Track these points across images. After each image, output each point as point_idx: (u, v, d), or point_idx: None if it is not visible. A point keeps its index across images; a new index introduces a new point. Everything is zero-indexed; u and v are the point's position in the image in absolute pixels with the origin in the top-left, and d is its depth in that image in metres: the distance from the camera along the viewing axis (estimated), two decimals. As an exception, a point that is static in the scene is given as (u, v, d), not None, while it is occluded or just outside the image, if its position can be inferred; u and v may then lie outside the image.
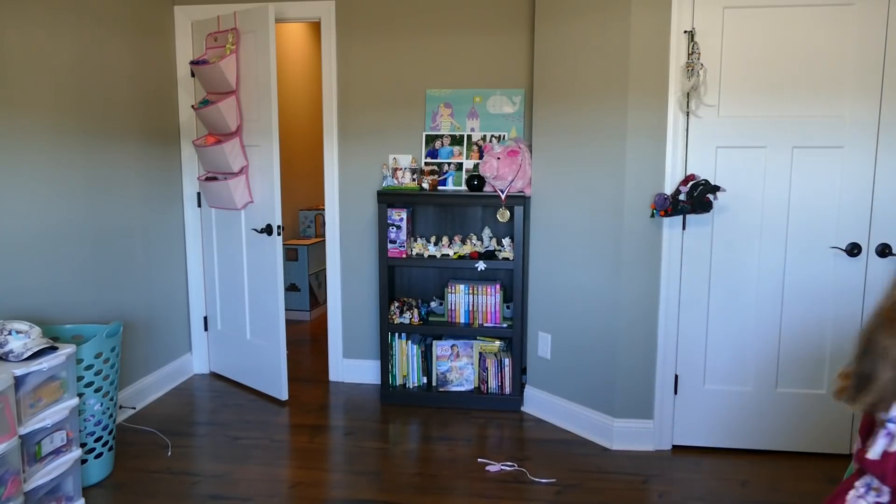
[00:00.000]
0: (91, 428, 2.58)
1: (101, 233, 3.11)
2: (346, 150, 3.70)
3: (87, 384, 2.53)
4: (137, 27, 3.37)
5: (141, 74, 3.41)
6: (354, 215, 3.74)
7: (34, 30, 2.69)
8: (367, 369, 3.82)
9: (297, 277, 5.22)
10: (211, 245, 3.83)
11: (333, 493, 2.60)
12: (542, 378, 3.33)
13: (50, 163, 2.79)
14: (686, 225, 2.82)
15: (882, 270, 2.69)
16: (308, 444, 3.04)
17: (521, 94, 3.49)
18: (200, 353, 3.96)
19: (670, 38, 2.72)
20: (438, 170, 3.54)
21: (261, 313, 3.60)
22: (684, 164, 2.78)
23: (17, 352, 2.16)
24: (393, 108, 3.63)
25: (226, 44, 3.46)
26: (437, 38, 3.56)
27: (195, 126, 3.75)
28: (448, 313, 3.52)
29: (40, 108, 2.74)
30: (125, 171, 3.29)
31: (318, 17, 3.63)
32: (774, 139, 2.70)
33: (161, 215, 3.62)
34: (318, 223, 5.63)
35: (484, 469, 2.78)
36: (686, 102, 2.73)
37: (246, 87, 3.44)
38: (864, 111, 2.63)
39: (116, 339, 2.65)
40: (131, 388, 3.35)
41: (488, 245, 3.48)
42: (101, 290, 3.13)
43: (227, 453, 2.94)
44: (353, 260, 3.78)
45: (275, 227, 3.43)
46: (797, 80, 2.66)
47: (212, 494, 2.58)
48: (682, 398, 2.92)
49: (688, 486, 2.65)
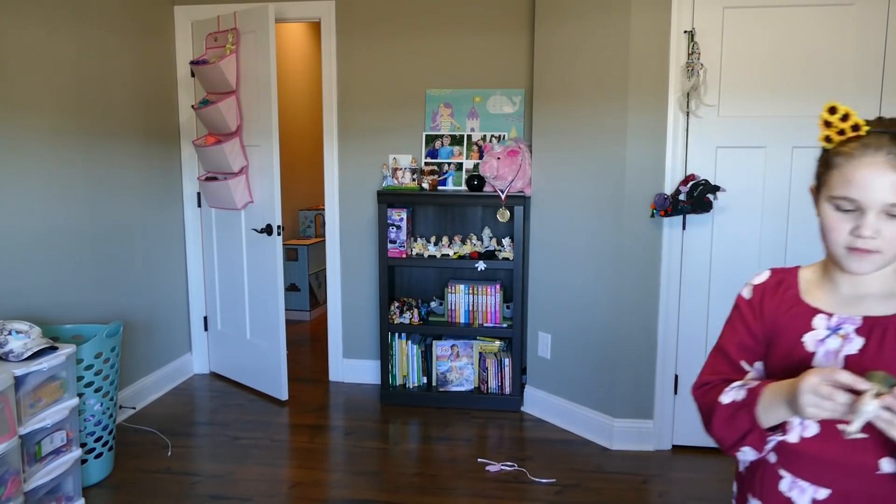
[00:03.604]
0: (91, 428, 2.58)
1: (101, 233, 3.11)
2: (346, 150, 3.70)
3: (87, 384, 2.53)
4: (137, 27, 3.37)
5: (141, 74, 3.41)
6: (354, 215, 3.74)
7: (34, 30, 2.69)
8: (367, 369, 3.82)
9: (297, 277, 5.22)
10: (211, 245, 3.83)
11: (333, 493, 2.60)
12: (542, 378, 3.33)
13: (50, 163, 2.79)
14: (686, 225, 2.82)
15: (882, 270, 2.69)
16: (308, 444, 3.04)
17: (521, 94, 3.49)
18: (200, 353, 3.96)
19: (670, 38, 2.72)
20: (438, 170, 3.54)
21: (261, 313, 3.60)
22: (684, 164, 2.78)
23: (17, 352, 2.16)
24: (393, 108, 3.63)
25: (226, 44, 3.46)
26: (437, 38, 3.56)
27: (195, 126, 3.74)
28: (448, 313, 3.52)
29: (40, 108, 2.74)
30: (125, 170, 3.29)
31: (318, 17, 3.63)
32: (774, 139, 2.70)
33: (161, 215, 3.62)
34: (318, 223, 5.63)
35: (484, 469, 2.78)
36: (686, 102, 2.73)
37: (246, 87, 3.44)
38: (865, 111, 2.61)
39: (116, 339, 2.65)
40: (131, 388, 3.35)
41: (488, 245, 3.48)
42: (101, 290, 3.13)
43: (227, 453, 2.94)
44: (353, 260, 3.78)
45: (275, 227, 3.43)
46: (797, 80, 2.66)
47: (212, 494, 2.58)
48: (682, 398, 2.92)
49: (688, 486, 2.65)
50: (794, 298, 1.09)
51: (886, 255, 0.96)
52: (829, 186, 0.99)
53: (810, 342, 1.04)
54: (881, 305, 1.02)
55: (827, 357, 1.02)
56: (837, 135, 0.99)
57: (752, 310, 1.14)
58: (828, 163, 1.00)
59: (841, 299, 1.05)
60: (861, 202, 0.94)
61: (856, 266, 0.97)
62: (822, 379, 0.90)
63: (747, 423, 1.00)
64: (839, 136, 0.99)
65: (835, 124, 0.98)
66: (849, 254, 0.97)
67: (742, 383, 1.06)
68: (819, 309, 1.05)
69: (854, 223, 0.96)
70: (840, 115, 0.98)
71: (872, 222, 0.94)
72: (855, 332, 1.01)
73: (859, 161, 0.95)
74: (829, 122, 0.99)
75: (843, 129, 0.98)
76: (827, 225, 1.00)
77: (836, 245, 0.99)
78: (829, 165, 1.00)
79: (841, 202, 0.96)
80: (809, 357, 1.03)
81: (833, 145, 1.00)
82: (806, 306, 1.07)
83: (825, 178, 1.00)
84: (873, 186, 0.93)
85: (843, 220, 0.97)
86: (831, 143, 1.00)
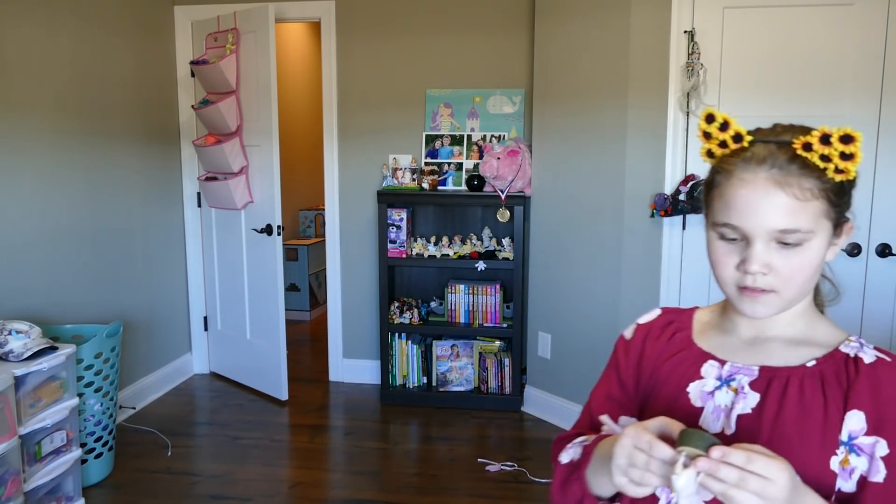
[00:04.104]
0: (91, 428, 2.58)
1: (101, 233, 3.11)
2: (346, 150, 3.70)
3: (87, 384, 2.53)
4: (137, 27, 3.37)
5: (141, 74, 3.41)
6: (354, 215, 3.74)
7: (34, 30, 2.68)
8: (366, 369, 3.82)
9: (297, 277, 5.22)
10: (211, 245, 3.83)
11: (333, 493, 2.60)
12: (542, 378, 3.33)
13: (50, 163, 2.79)
14: (686, 225, 2.82)
15: (882, 271, 2.69)
16: (308, 444, 3.04)
17: (521, 94, 3.49)
18: (200, 353, 3.96)
19: (670, 38, 2.72)
20: (438, 170, 3.54)
21: (261, 313, 3.60)
22: (684, 164, 2.78)
23: (17, 352, 2.16)
24: (393, 108, 3.63)
25: (226, 44, 3.46)
26: (436, 38, 3.56)
27: (195, 126, 3.74)
28: (448, 313, 3.51)
29: (40, 108, 2.74)
30: (125, 171, 3.29)
31: (318, 17, 3.63)
32: (774, 139, 2.70)
33: (161, 215, 3.62)
34: (318, 223, 5.63)
35: (484, 469, 2.78)
36: (686, 102, 2.73)
37: (246, 87, 3.44)
38: (864, 111, 2.62)
39: (116, 339, 2.65)
40: (131, 388, 3.35)
41: (488, 245, 3.48)
42: (101, 290, 3.13)
43: (227, 453, 2.93)
44: (353, 260, 3.78)
45: (275, 227, 3.43)
46: (797, 80, 2.66)
47: (212, 494, 2.58)
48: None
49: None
50: (684, 341, 0.89)
51: (785, 294, 0.77)
52: (712, 211, 0.81)
53: (696, 394, 0.84)
54: (784, 353, 0.82)
55: (716, 414, 0.82)
56: (719, 147, 0.81)
57: (629, 353, 0.95)
58: (710, 182, 0.82)
59: (738, 344, 0.85)
60: (745, 230, 0.76)
61: (749, 309, 0.79)
62: (636, 441, 0.70)
63: (578, 489, 0.82)
64: (721, 150, 0.81)
65: (714, 135, 0.81)
66: (740, 294, 0.78)
67: (584, 439, 0.89)
68: (711, 354, 0.86)
69: (741, 256, 0.78)
70: (718, 124, 0.80)
71: (760, 254, 0.75)
72: (750, 385, 0.81)
73: (739, 179, 0.76)
74: (708, 132, 0.81)
75: (725, 140, 0.80)
76: (712, 258, 0.81)
77: (726, 283, 0.80)
78: (711, 185, 0.82)
79: (724, 230, 0.78)
80: (696, 413, 0.83)
81: (716, 161, 0.82)
82: (696, 350, 0.87)
83: (708, 200, 0.82)
84: (757, 210, 0.75)
85: (729, 252, 0.79)
86: (714, 159, 0.83)
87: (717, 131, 0.80)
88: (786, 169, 0.75)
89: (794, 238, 0.75)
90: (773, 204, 0.74)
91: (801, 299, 0.80)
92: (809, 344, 0.82)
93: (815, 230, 0.75)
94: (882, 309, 2.72)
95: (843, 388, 0.77)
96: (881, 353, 0.80)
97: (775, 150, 0.76)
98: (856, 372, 0.78)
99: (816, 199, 0.75)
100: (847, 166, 0.73)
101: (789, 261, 0.76)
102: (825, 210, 0.76)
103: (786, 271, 0.76)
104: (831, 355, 0.81)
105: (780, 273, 0.76)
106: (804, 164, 0.75)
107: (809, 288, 0.80)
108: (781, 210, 0.74)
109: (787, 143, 0.76)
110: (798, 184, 0.74)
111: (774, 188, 0.74)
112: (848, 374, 0.78)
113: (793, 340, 0.83)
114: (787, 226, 0.74)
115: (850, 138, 0.72)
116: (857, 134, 0.72)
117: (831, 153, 0.73)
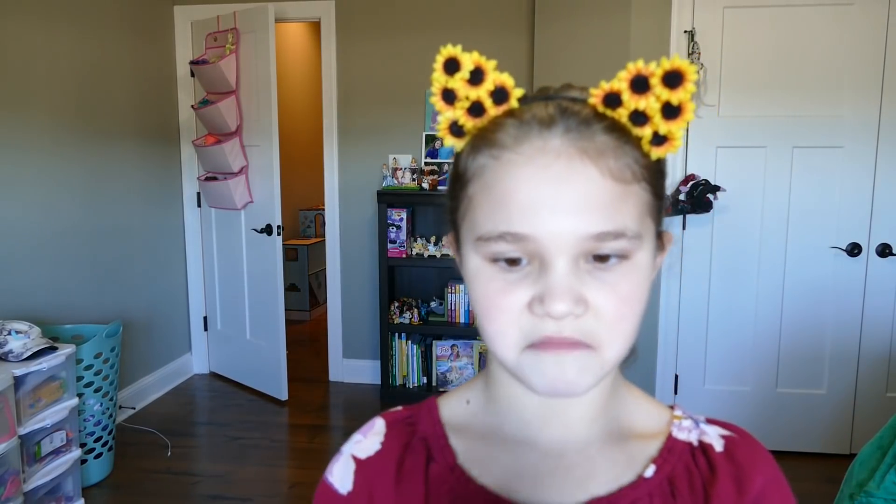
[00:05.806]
0: (91, 428, 2.58)
1: (101, 233, 3.11)
2: (346, 149, 3.70)
3: (86, 384, 2.53)
4: (137, 27, 3.37)
5: (141, 74, 3.40)
6: (354, 215, 3.74)
7: (34, 30, 2.68)
8: (366, 369, 3.82)
9: (297, 277, 5.22)
10: (211, 245, 3.83)
11: (333, 494, 2.60)
12: (542, 378, 3.33)
13: (50, 163, 2.79)
14: (686, 225, 2.82)
15: (882, 270, 2.69)
16: (308, 445, 3.04)
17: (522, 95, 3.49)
18: (200, 353, 3.95)
19: (670, 38, 2.72)
20: (438, 170, 3.54)
21: (261, 313, 3.60)
22: (684, 164, 2.78)
23: (16, 352, 2.16)
24: (393, 108, 3.63)
25: (226, 44, 3.46)
26: (437, 38, 3.55)
27: (195, 126, 3.74)
28: (448, 313, 3.51)
29: (40, 108, 2.74)
30: (125, 171, 3.29)
31: (318, 17, 3.63)
32: (774, 139, 2.70)
33: (161, 215, 3.61)
34: (318, 223, 5.63)
35: (484, 469, 2.77)
36: (686, 102, 2.72)
37: (246, 87, 3.44)
38: (864, 111, 2.62)
39: (116, 339, 2.65)
40: (131, 388, 3.35)
41: (488, 245, 3.48)
42: (101, 290, 3.13)
43: (226, 453, 2.93)
44: (353, 260, 3.78)
45: (275, 227, 3.43)
46: (797, 80, 2.66)
47: (212, 494, 2.57)
48: (682, 398, 2.92)
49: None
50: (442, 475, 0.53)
51: (610, 349, 0.47)
52: (471, 220, 0.48)
53: None
54: (608, 464, 0.52)
55: None
56: (470, 116, 0.49)
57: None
58: (461, 175, 0.49)
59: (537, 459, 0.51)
60: (535, 239, 0.44)
61: (551, 380, 0.46)
62: None
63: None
64: (474, 119, 0.49)
65: (461, 93, 0.48)
66: (535, 355, 0.46)
67: None
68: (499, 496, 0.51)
69: (532, 290, 0.45)
70: (466, 74, 0.48)
71: (565, 281, 0.44)
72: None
73: (515, 156, 0.46)
74: (450, 90, 0.48)
75: (479, 100, 0.48)
76: (479, 300, 0.48)
77: (504, 344, 0.47)
78: (464, 181, 0.49)
79: (497, 247, 0.46)
80: None
81: (469, 138, 0.49)
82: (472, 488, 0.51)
83: (463, 205, 0.49)
84: (554, 202, 0.44)
85: (509, 286, 0.46)
86: (463, 137, 0.50)
87: (464, 86, 0.48)
88: (587, 132, 0.45)
89: (617, 247, 0.45)
90: (578, 190, 0.44)
91: (624, 355, 0.49)
92: (631, 436, 0.53)
93: (642, 235, 0.47)
94: (882, 309, 2.72)
95: (699, 499, 0.51)
96: (721, 427, 0.56)
97: (566, 106, 0.47)
98: (709, 469, 0.52)
99: (637, 181, 0.46)
100: (672, 129, 0.46)
101: (614, 290, 0.46)
102: (649, 203, 0.48)
103: (610, 308, 0.46)
104: (668, 450, 0.53)
105: (601, 312, 0.45)
106: (612, 126, 0.46)
107: (635, 334, 0.49)
108: (594, 198, 0.44)
109: (580, 99, 0.48)
110: (613, 154, 0.45)
111: (578, 162, 0.44)
112: (701, 475, 0.52)
113: (610, 436, 0.53)
114: (606, 227, 0.44)
115: (678, 77, 0.45)
116: (691, 67, 0.46)
117: (649, 108, 0.46)
